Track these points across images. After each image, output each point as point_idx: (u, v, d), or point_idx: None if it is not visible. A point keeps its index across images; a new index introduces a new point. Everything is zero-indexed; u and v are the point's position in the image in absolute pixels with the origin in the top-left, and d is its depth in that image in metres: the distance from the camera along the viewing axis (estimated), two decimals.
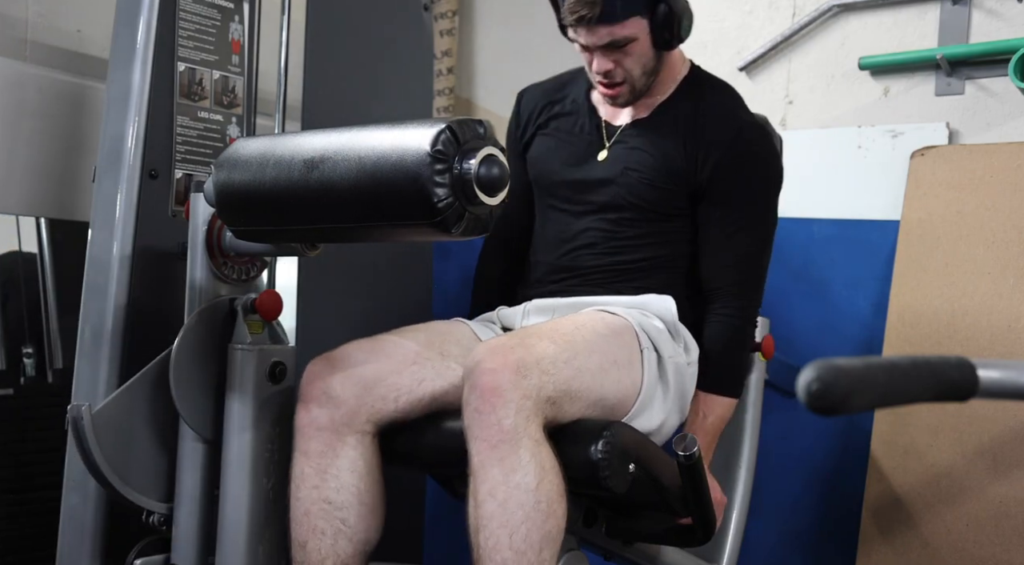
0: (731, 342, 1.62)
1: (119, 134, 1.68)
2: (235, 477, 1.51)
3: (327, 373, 1.44)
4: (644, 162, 1.62)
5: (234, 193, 1.37)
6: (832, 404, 0.63)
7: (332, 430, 1.42)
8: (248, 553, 1.51)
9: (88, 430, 1.47)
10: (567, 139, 1.71)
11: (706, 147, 1.60)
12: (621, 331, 1.49)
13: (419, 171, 1.18)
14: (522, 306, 1.68)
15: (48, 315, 2.05)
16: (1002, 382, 0.70)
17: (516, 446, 1.26)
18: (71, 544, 1.66)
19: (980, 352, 1.85)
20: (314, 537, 1.41)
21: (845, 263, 2.10)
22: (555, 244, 1.70)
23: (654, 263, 1.63)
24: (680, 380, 1.55)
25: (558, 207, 1.71)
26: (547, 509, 1.27)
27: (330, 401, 1.43)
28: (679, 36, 1.57)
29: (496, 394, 1.26)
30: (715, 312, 1.62)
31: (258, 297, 1.56)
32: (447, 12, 2.93)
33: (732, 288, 1.61)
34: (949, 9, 2.14)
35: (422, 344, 1.50)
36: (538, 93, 1.80)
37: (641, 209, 1.62)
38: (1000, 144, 1.97)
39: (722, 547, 1.80)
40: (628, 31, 1.53)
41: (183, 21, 1.74)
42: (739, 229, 1.61)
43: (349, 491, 1.42)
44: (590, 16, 1.50)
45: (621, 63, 1.57)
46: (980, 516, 1.80)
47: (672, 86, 1.67)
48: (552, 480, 1.28)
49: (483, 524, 1.27)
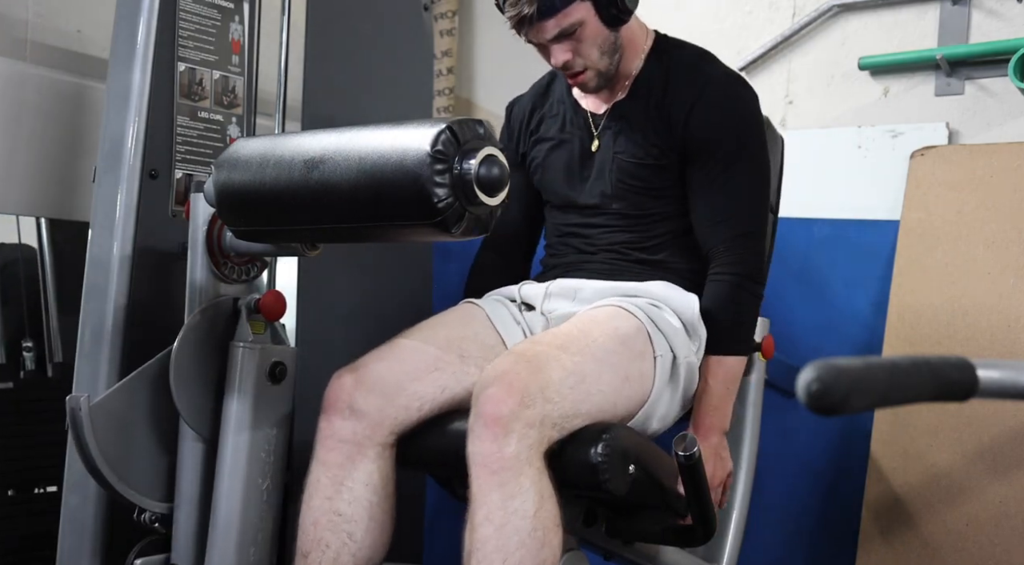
0: (728, 300, 1.57)
1: (119, 134, 1.68)
2: (230, 477, 1.51)
3: (352, 386, 1.43)
4: (629, 142, 1.62)
5: (234, 193, 1.37)
6: (832, 404, 0.63)
7: (354, 443, 1.42)
8: (239, 555, 1.50)
9: (86, 421, 1.46)
10: (560, 138, 1.72)
11: (678, 106, 1.58)
12: (634, 338, 1.47)
13: (419, 171, 1.18)
14: (545, 286, 1.65)
15: (48, 309, 2.05)
16: (1002, 382, 0.70)
17: (518, 474, 1.26)
18: (71, 544, 1.66)
19: (980, 352, 1.85)
20: (317, 549, 1.40)
21: (845, 263, 2.10)
22: (567, 233, 1.70)
23: (669, 236, 1.63)
24: (690, 378, 1.55)
25: (563, 206, 1.71)
26: (543, 537, 1.26)
27: (354, 414, 1.42)
28: (626, 9, 1.54)
29: (499, 424, 1.26)
30: (711, 273, 1.59)
31: (262, 297, 1.56)
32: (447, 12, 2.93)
33: (725, 244, 1.57)
34: (949, 9, 2.14)
35: (442, 347, 1.49)
36: (524, 102, 1.81)
37: (640, 190, 1.61)
38: (1000, 144, 1.97)
39: (722, 547, 1.79)
40: (573, 18, 1.51)
41: (183, 21, 1.74)
42: (725, 183, 1.58)
43: (361, 505, 1.41)
44: (530, 14, 1.49)
45: (577, 51, 1.55)
46: (980, 516, 1.80)
47: (640, 59, 1.65)
48: (549, 510, 1.28)
49: (477, 548, 1.26)
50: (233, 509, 1.50)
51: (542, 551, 1.26)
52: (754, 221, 1.61)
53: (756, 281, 1.59)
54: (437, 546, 2.35)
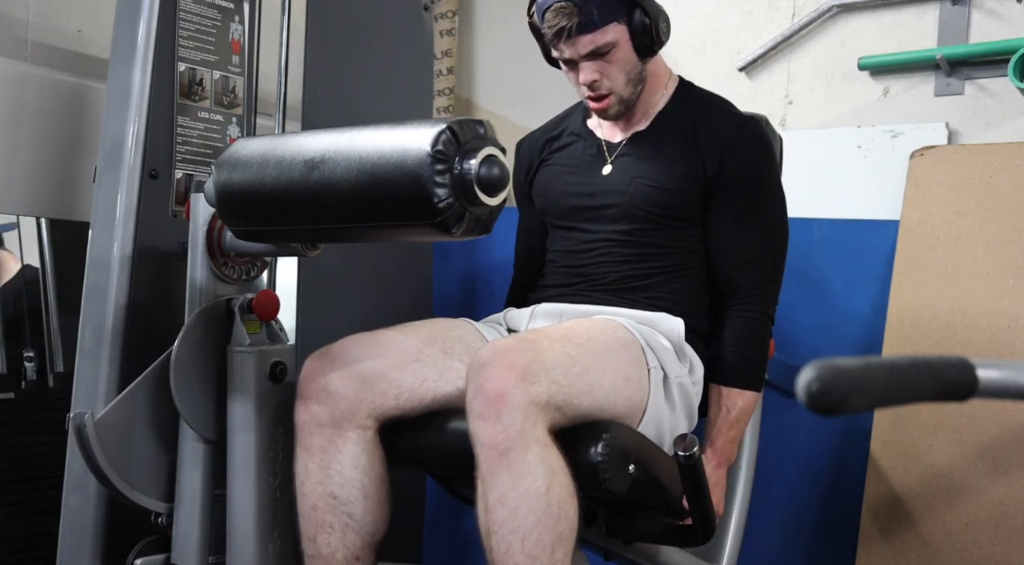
0: (753, 337, 1.62)
1: (119, 134, 1.68)
2: (241, 478, 1.52)
3: (326, 369, 1.44)
4: (651, 168, 1.63)
5: (234, 193, 1.37)
6: (832, 404, 0.63)
7: (333, 425, 1.42)
8: (259, 553, 1.52)
9: (92, 437, 1.48)
10: (568, 163, 1.73)
11: (709, 144, 1.61)
12: (630, 346, 1.48)
13: (419, 171, 1.18)
14: (530, 309, 1.68)
15: (49, 318, 2.05)
16: (1001, 382, 0.70)
17: (524, 452, 1.25)
18: (71, 544, 1.66)
19: (980, 352, 1.85)
20: (323, 531, 1.42)
21: (845, 263, 2.10)
22: (567, 256, 1.70)
23: (668, 271, 1.64)
24: (686, 400, 1.56)
25: (568, 226, 1.71)
26: (558, 511, 1.26)
27: (329, 397, 1.42)
28: (659, 40, 1.59)
29: (501, 400, 1.25)
30: (735, 308, 1.62)
31: (255, 297, 1.56)
32: (447, 12, 2.93)
33: (753, 283, 1.62)
34: (949, 9, 2.14)
35: (424, 341, 1.50)
36: (535, 137, 1.83)
37: (654, 216, 1.62)
38: (1000, 144, 1.98)
39: (722, 547, 1.80)
40: (609, 37, 1.56)
41: (183, 21, 1.74)
42: (752, 224, 1.62)
43: (353, 486, 1.42)
44: (570, 26, 1.53)
45: (606, 73, 1.60)
46: (980, 516, 1.80)
47: (663, 97, 1.70)
48: (562, 482, 1.27)
49: (494, 529, 1.27)
50: (247, 510, 1.51)
51: (559, 524, 1.26)
52: (779, 264, 1.66)
53: (773, 322, 1.66)
54: (437, 546, 2.35)
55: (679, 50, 2.32)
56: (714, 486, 1.56)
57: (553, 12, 1.54)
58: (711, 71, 2.42)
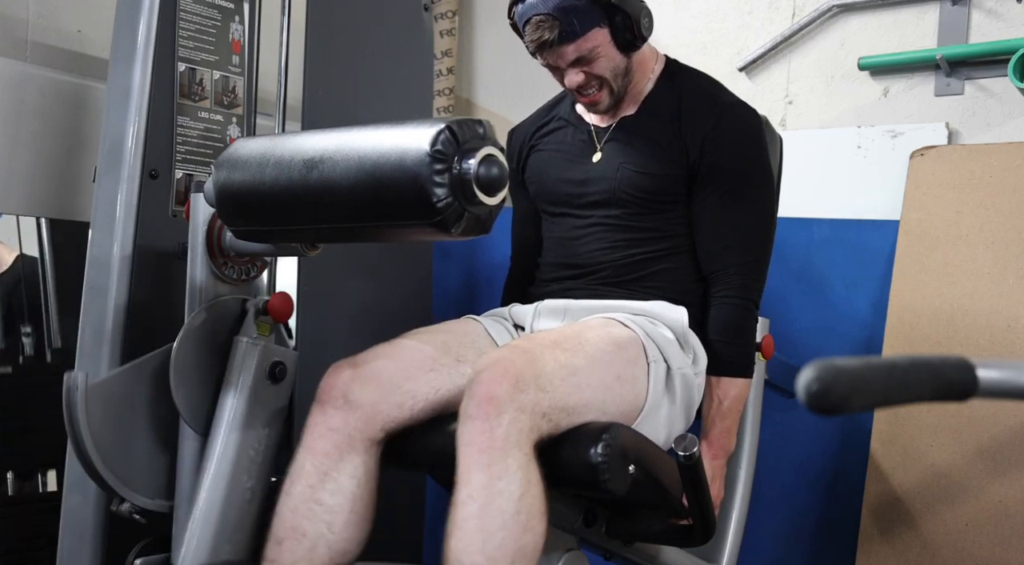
0: (737, 324, 1.61)
1: (119, 134, 1.68)
2: (216, 471, 1.50)
3: (349, 378, 1.43)
4: (638, 154, 1.64)
5: (234, 193, 1.37)
6: (832, 404, 0.63)
7: (344, 433, 1.41)
8: (213, 551, 1.48)
9: (80, 400, 1.45)
10: (559, 148, 1.74)
11: (692, 131, 1.61)
12: (627, 344, 1.48)
13: (419, 171, 1.18)
14: (534, 306, 1.68)
15: (47, 295, 2.06)
16: (1001, 382, 0.70)
17: (505, 455, 1.24)
18: (71, 544, 1.66)
19: (980, 352, 1.85)
20: (292, 537, 1.38)
21: (845, 263, 2.10)
22: (561, 243, 1.71)
23: (662, 256, 1.64)
24: (687, 391, 1.55)
25: (561, 213, 1.72)
26: (526, 522, 1.24)
27: (347, 405, 1.42)
28: (641, 36, 1.59)
29: (492, 404, 1.26)
30: (717, 295, 1.62)
31: (270, 300, 1.56)
32: (447, 12, 2.93)
33: (735, 269, 1.61)
34: (949, 9, 2.14)
35: (439, 349, 1.50)
36: (526, 125, 1.84)
37: (641, 201, 1.63)
38: (999, 144, 1.98)
39: (722, 547, 1.80)
40: (591, 43, 1.56)
41: (183, 21, 1.74)
42: (735, 208, 1.62)
43: (345, 496, 1.40)
44: (551, 39, 1.54)
45: (592, 73, 1.60)
46: (980, 516, 1.80)
47: (650, 80, 1.70)
48: (536, 495, 1.26)
49: (458, 526, 1.24)
50: (215, 504, 1.49)
51: (524, 535, 1.24)
52: (764, 249, 1.65)
53: (758, 307, 1.65)
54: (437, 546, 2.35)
55: (679, 50, 2.32)
56: (712, 477, 1.56)
57: (533, 26, 1.54)
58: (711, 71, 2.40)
